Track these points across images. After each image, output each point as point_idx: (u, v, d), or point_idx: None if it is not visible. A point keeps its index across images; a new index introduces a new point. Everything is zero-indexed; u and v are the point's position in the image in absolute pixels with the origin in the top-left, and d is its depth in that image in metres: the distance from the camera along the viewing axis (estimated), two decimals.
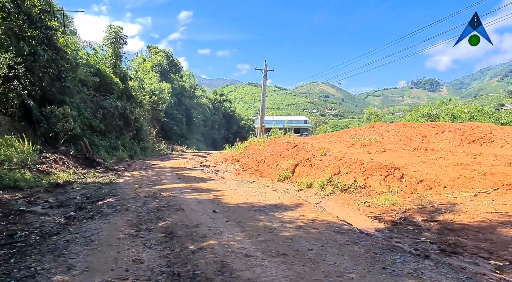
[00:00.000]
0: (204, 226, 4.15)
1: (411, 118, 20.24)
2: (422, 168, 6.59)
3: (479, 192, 5.26)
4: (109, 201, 6.09)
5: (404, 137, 12.55)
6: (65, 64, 15.33)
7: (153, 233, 4.00)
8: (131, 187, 7.91)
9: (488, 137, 10.40)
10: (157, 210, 5.16)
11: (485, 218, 4.23)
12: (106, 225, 4.41)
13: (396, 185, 6.13)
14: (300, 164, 8.80)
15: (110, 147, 18.66)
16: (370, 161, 7.38)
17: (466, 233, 3.95)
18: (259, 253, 3.20)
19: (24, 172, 9.25)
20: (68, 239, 3.80)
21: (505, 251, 3.40)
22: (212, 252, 3.21)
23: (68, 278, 2.72)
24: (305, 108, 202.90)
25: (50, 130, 13.63)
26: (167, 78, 41.68)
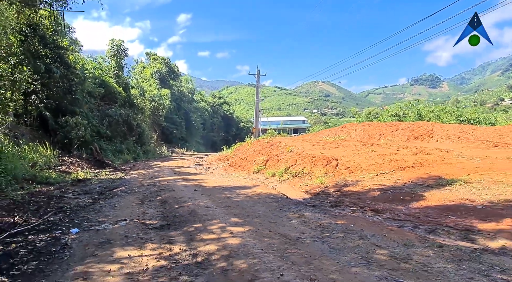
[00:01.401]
0: (186, 197, 6.44)
1: (382, 118, 22.47)
2: (353, 158, 8.85)
3: (381, 173, 7.51)
4: (122, 189, 8.39)
5: (367, 135, 14.80)
6: (75, 79, 17.69)
7: (153, 202, 6.30)
8: (136, 180, 10.22)
9: (429, 134, 12.65)
10: (156, 191, 7.46)
11: (369, 188, 6.50)
12: (122, 199, 6.71)
13: (331, 170, 8.40)
14: (270, 159, 11.10)
15: (116, 150, 20.99)
16: (319, 154, 9.65)
17: (351, 195, 6.23)
18: (214, 206, 5.49)
19: (50, 171, 11.56)
20: (100, 206, 6.09)
21: (363, 203, 5.67)
22: (187, 207, 5.50)
23: (107, 219, 5.01)
24: (306, 108, 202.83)
25: (65, 137, 15.91)
26: (166, 85, 44.09)
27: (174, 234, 4.08)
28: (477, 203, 4.80)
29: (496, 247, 3.38)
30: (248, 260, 2.96)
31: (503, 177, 6.01)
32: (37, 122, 15.90)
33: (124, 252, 3.42)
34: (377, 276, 2.59)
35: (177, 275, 2.83)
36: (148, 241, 3.82)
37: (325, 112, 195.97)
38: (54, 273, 2.96)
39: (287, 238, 3.62)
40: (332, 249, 3.25)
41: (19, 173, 9.61)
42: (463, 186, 5.78)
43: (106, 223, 4.70)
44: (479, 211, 4.48)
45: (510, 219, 4.01)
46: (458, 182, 6.01)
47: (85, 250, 3.55)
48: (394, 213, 4.94)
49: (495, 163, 7.32)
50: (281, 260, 2.93)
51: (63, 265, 3.15)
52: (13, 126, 13.90)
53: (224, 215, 4.83)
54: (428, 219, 4.48)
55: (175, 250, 3.46)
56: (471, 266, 2.80)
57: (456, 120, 18.35)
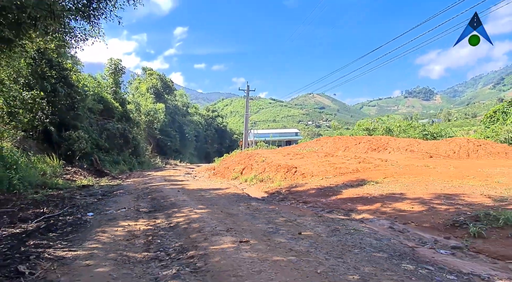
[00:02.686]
0: (170, 195, 8.45)
1: (354, 131, 24.77)
2: (309, 166, 10.95)
3: (325, 177, 9.61)
4: (120, 191, 10.37)
5: (335, 147, 16.97)
6: (77, 96, 19.75)
7: (145, 199, 8.30)
8: (132, 185, 12.19)
9: (384, 146, 14.86)
10: (148, 192, 9.46)
11: (310, 188, 8.58)
12: (121, 198, 8.70)
13: (289, 176, 10.48)
14: (246, 168, 13.17)
15: (113, 161, 22.91)
16: (284, 164, 11.75)
17: (295, 193, 8.30)
18: (189, 200, 7.52)
19: (58, 179, 13.46)
20: (105, 202, 8.08)
21: (300, 198, 7.73)
22: (170, 201, 7.51)
23: (111, 208, 7.00)
24: (301, 120, 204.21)
25: (68, 150, 17.84)
26: (161, 99, 46.34)
27: (158, 214, 6.11)
28: (371, 195, 6.90)
29: (357, 218, 5.46)
30: (200, 223, 4.99)
31: (406, 179, 8.14)
32: (42, 136, 17.85)
33: (125, 223, 5.43)
34: (269, 227, 4.65)
35: (157, 231, 4.85)
36: (140, 218, 5.84)
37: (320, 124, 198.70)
38: (83, 232, 4.95)
39: (229, 214, 5.67)
40: (253, 218, 5.30)
41: (33, 180, 11.52)
42: (373, 185, 7.90)
43: (111, 210, 6.71)
44: (368, 199, 6.58)
45: (379, 203, 6.11)
46: (373, 182, 8.12)
47: (100, 222, 5.55)
48: (316, 203, 7.01)
49: (412, 169, 9.47)
50: (219, 223, 4.96)
51: (87, 229, 5.15)
52: (21, 140, 15.84)
53: (195, 204, 6.87)
54: (333, 205, 6.56)
55: (157, 222, 5.49)
56: (329, 225, 4.86)
57: (419, 134, 20.65)
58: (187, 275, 2.97)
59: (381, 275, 2.78)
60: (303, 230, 4.45)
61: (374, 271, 2.89)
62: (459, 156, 12.09)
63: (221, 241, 3.93)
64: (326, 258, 3.23)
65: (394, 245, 3.82)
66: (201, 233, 4.41)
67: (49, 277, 3.00)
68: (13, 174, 10.40)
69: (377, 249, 3.63)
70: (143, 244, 4.24)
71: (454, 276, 2.86)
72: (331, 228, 4.57)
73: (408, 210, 5.54)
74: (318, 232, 4.32)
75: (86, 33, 9.01)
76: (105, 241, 4.33)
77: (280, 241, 3.86)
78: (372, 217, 5.44)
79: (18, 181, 10.29)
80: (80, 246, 4.08)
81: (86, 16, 8.13)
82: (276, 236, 4.11)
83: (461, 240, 4.02)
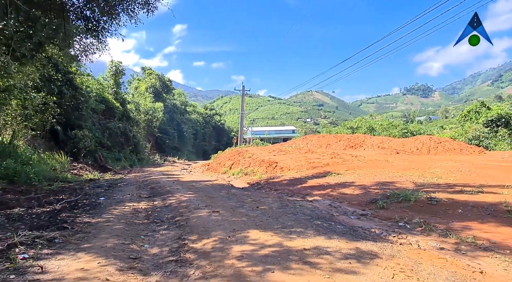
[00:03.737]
0: (166, 185, 10.09)
1: (339, 130, 26.45)
2: (288, 161, 12.59)
3: (300, 170, 11.24)
4: (124, 183, 12.00)
5: (318, 144, 18.62)
6: (81, 98, 21.33)
7: (145, 188, 9.94)
8: (134, 179, 13.82)
9: (360, 144, 16.51)
10: (147, 184, 11.10)
11: (284, 179, 10.22)
12: (125, 188, 10.34)
13: (270, 170, 12.12)
14: (234, 163, 14.81)
15: (115, 158, 24.52)
16: (267, 159, 13.39)
17: (271, 184, 9.94)
18: (181, 188, 9.17)
19: (66, 174, 15.05)
20: (112, 191, 9.72)
21: (274, 187, 9.37)
22: (166, 189, 9.15)
23: (118, 195, 8.63)
24: (299, 118, 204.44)
25: (74, 147, 19.42)
26: (160, 98, 47.87)
27: (156, 198, 7.75)
28: (329, 183, 8.55)
29: (309, 199, 7.10)
30: (187, 203, 6.63)
31: (362, 171, 9.79)
32: (49, 135, 19.46)
33: (130, 203, 7.07)
34: (237, 204, 6.29)
35: (155, 209, 6.49)
36: (142, 201, 7.48)
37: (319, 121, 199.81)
38: (99, 209, 6.57)
39: (210, 197, 7.31)
40: (228, 199, 6.94)
41: (45, 174, 13.10)
42: (335, 176, 9.54)
43: (118, 196, 8.35)
44: (324, 186, 8.23)
45: (330, 189, 7.76)
46: (335, 174, 9.77)
47: (110, 203, 7.19)
48: (284, 190, 8.66)
49: (373, 163, 11.12)
50: (201, 203, 6.60)
51: (102, 207, 6.78)
52: (32, 138, 17.44)
53: (185, 191, 8.52)
54: (296, 191, 8.21)
55: (155, 203, 7.13)
56: (283, 202, 6.49)
57: (399, 133, 22.30)
58: (173, 228, 4.62)
59: (296, 226, 4.42)
60: (261, 205, 6.09)
61: (293, 224, 4.53)
62: (421, 152, 13.72)
63: (199, 212, 5.58)
64: (266, 219, 4.88)
65: (321, 213, 5.47)
66: (186, 208, 6.05)
67: (84, 230, 4.63)
68: (29, 169, 12.00)
69: (306, 215, 5.28)
70: (144, 215, 5.88)
71: (343, 227, 4.51)
72: (283, 204, 6.22)
73: (349, 193, 7.19)
74: (272, 207, 5.97)
75: (94, 48, 10.58)
76: (117, 214, 5.96)
77: (241, 211, 5.51)
78: (321, 198, 7.09)
79: (34, 175, 11.88)
80: (100, 216, 5.72)
81: (95, 35, 9.70)
82: (240, 209, 5.76)
83: (370, 210, 5.66)
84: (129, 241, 4.00)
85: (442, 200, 5.47)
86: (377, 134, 22.92)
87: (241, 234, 4.01)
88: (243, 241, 3.71)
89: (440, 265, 3.03)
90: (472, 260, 3.32)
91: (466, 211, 4.92)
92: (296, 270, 2.85)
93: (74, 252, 3.53)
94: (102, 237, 4.18)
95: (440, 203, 5.35)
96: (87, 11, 9.36)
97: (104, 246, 3.72)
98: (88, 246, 3.76)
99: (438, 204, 5.35)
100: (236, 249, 3.44)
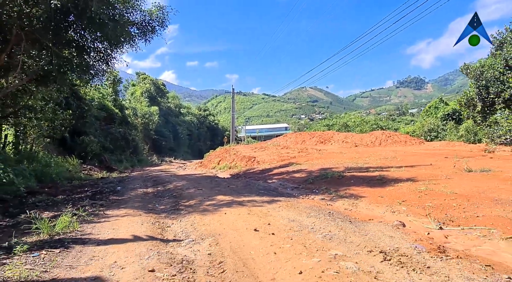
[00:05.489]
0: (165, 178, 12.93)
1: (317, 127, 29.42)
2: (264, 156, 15.46)
3: (272, 163, 14.12)
4: (130, 179, 14.81)
5: (295, 141, 21.54)
6: (85, 107, 24.01)
7: (149, 181, 12.78)
8: (137, 175, 16.64)
9: (329, 139, 19.46)
10: (150, 178, 13.94)
11: (258, 170, 13.11)
12: (133, 181, 13.17)
13: (250, 164, 14.99)
14: (221, 159, 17.68)
15: (117, 160, 27.23)
16: (248, 155, 16.26)
17: (247, 174, 12.82)
18: (177, 179, 12.03)
19: (80, 174, 17.80)
20: (123, 184, 12.55)
21: (247, 176, 12.26)
22: (165, 180, 12.00)
23: (129, 186, 11.46)
24: (294, 114, 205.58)
25: (82, 151, 22.13)
26: (155, 102, 50.49)
27: (158, 186, 10.60)
28: (288, 171, 11.44)
29: (269, 182, 9.99)
30: (181, 186, 9.48)
31: (317, 160, 12.69)
32: (58, 142, 22.16)
33: (140, 190, 9.90)
34: (215, 186, 9.16)
35: (158, 191, 9.34)
36: (149, 188, 10.31)
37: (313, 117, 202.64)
38: (119, 193, 9.39)
39: (198, 183, 10.17)
40: (209, 183, 9.81)
41: (63, 174, 15.86)
42: (295, 166, 12.42)
43: (130, 186, 11.18)
44: (283, 173, 11.11)
45: (286, 174, 10.65)
46: (296, 164, 12.66)
47: (126, 190, 10.01)
48: (255, 177, 11.54)
49: (329, 155, 14.03)
50: (191, 186, 9.45)
51: (120, 192, 9.60)
52: (45, 145, 20.15)
53: (180, 181, 11.38)
54: (262, 177, 11.09)
55: (158, 188, 9.98)
56: (247, 183, 9.36)
57: (369, 127, 25.29)
58: (171, 198, 7.49)
59: (246, 193, 7.30)
60: (231, 185, 8.99)
61: (245, 193, 7.42)
62: (374, 144, 16.65)
63: (189, 190, 8.46)
64: (230, 191, 7.77)
65: (269, 188, 8.37)
66: (180, 189, 8.92)
67: (115, 203, 7.46)
68: (51, 170, 14.75)
69: (259, 189, 8.16)
70: (152, 194, 8.73)
71: (276, 193, 7.40)
72: (246, 185, 9.12)
73: (297, 176, 10.08)
74: (238, 186, 8.86)
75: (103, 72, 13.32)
76: (133, 194, 8.81)
77: (216, 189, 8.40)
78: (276, 180, 9.99)
79: (56, 175, 14.62)
80: (122, 196, 8.55)
81: (106, 63, 12.47)
82: (216, 188, 8.64)
83: (303, 185, 8.56)
84: (146, 203, 6.87)
85: (346, 176, 8.40)
86: (351, 130, 25.89)
87: (211, 197, 6.91)
88: (211, 200, 6.61)
89: (311, 204, 5.93)
90: (331, 202, 6.23)
91: (355, 181, 7.83)
92: (234, 207, 5.73)
93: (117, 208, 6.39)
94: (130, 203, 7.04)
95: (344, 178, 8.28)
96: (99, 44, 12.10)
97: (133, 205, 6.59)
98: (123, 206, 6.63)
99: (343, 178, 8.27)
100: (206, 203, 6.34)
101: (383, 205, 5.61)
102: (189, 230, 4.49)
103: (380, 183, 7.35)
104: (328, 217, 4.78)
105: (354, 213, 5.28)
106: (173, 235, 4.35)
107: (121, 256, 3.44)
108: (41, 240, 4.09)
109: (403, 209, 5.26)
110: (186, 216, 5.38)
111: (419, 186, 6.44)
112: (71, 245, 3.88)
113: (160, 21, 11.56)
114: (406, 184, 6.81)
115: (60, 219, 4.61)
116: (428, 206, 5.08)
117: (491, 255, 3.22)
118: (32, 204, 7.68)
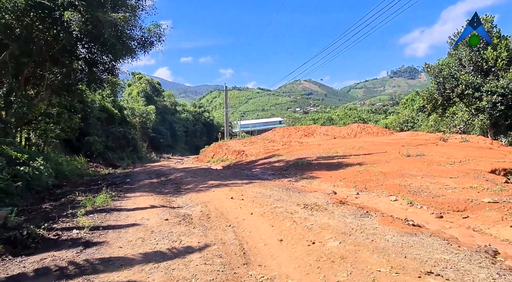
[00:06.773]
0: (166, 171, 14.97)
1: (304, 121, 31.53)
2: (252, 150, 17.52)
3: (257, 155, 16.19)
4: (135, 173, 16.83)
5: (282, 135, 23.63)
6: (88, 110, 25.87)
7: (153, 174, 14.82)
8: (141, 170, 18.67)
9: (312, 133, 21.55)
10: (153, 171, 15.98)
11: (245, 161, 15.18)
12: (139, 175, 15.21)
13: (239, 157, 17.04)
14: (215, 154, 19.73)
15: (119, 158, 29.17)
16: (238, 149, 18.32)
17: (237, 166, 14.89)
18: (176, 171, 14.09)
19: (88, 170, 19.78)
20: (130, 178, 14.59)
21: (236, 167, 14.34)
22: (166, 173, 14.04)
23: (136, 178, 13.51)
24: (289, 107, 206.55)
25: (87, 150, 24.05)
26: (151, 101, 52.23)
27: (161, 177, 12.65)
28: (270, 161, 13.51)
29: (252, 170, 12.08)
30: (180, 177, 11.53)
31: (296, 152, 14.77)
32: (65, 143, 24.07)
33: (147, 180, 11.94)
34: (208, 175, 11.22)
35: (162, 181, 11.39)
36: (153, 179, 12.36)
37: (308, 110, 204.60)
38: (130, 184, 11.42)
39: (195, 173, 12.23)
40: (204, 173, 11.88)
41: (74, 171, 17.82)
42: (277, 157, 14.50)
43: (137, 178, 13.21)
44: (265, 163, 13.19)
45: (267, 164, 12.73)
46: (278, 155, 14.73)
47: (135, 181, 12.05)
48: (241, 168, 13.61)
49: (308, 146, 16.11)
50: (188, 176, 11.51)
51: (130, 183, 11.63)
52: (54, 146, 22.05)
53: (179, 172, 13.44)
54: (247, 167, 13.16)
55: (161, 179, 12.03)
56: (234, 171, 11.42)
57: (352, 120, 27.42)
58: (174, 184, 9.57)
59: (232, 179, 9.37)
60: (222, 174, 11.06)
61: (231, 178, 9.49)
62: (350, 136, 18.74)
63: (186, 179, 10.52)
64: (219, 178, 9.84)
65: (251, 174, 10.45)
66: (180, 178, 10.98)
67: (129, 190, 9.50)
68: (64, 168, 16.69)
69: (243, 176, 10.23)
70: (157, 183, 10.78)
71: (255, 178, 9.49)
72: (233, 173, 11.20)
73: (276, 165, 12.16)
74: (227, 173, 10.94)
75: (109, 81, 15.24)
76: (142, 184, 10.85)
77: (209, 176, 10.47)
78: (258, 169, 12.07)
79: (68, 172, 16.56)
80: (133, 185, 10.59)
81: (111, 72, 14.40)
82: (209, 176, 10.71)
83: (278, 172, 10.64)
84: (154, 188, 8.94)
85: (313, 163, 10.50)
86: (335, 123, 28.01)
87: (204, 182, 8.99)
88: (204, 184, 8.69)
89: (278, 183, 8.02)
90: (294, 183, 8.33)
91: (319, 167, 9.94)
92: (220, 188, 7.81)
93: (133, 192, 8.45)
94: (141, 189, 9.11)
95: (311, 164, 10.38)
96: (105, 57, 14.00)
97: (144, 190, 8.65)
98: (137, 191, 8.70)
99: (310, 165, 10.37)
100: (200, 186, 8.41)
101: (329, 182, 7.72)
102: (188, 202, 6.58)
103: (336, 167, 9.47)
104: (285, 190, 6.88)
105: (307, 188, 7.39)
106: (177, 205, 6.43)
107: (145, 215, 5.52)
108: (89, 210, 6.14)
109: (341, 183, 7.37)
110: (185, 195, 7.46)
111: (361, 168, 8.57)
112: (111, 212, 5.94)
113: (157, 36, 13.46)
114: (354, 167, 8.93)
115: (98, 197, 6.66)
116: (357, 181, 7.20)
117: (371, 204, 5.34)
118: (61, 193, 9.70)
